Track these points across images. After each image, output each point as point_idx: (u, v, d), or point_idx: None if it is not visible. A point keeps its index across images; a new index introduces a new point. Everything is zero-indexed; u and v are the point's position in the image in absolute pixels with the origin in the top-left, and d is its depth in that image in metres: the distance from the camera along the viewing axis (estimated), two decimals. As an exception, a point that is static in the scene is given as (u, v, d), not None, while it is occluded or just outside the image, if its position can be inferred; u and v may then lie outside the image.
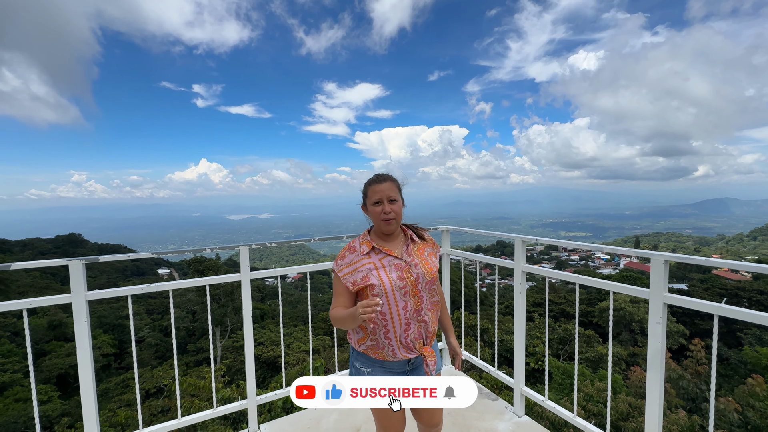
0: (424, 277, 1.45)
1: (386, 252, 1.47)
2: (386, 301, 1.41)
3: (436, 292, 1.53)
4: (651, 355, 1.79)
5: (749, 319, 1.45)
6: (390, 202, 1.46)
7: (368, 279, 1.42)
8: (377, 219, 1.47)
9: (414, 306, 1.44)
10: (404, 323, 1.43)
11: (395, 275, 1.42)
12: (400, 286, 1.41)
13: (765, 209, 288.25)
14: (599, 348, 14.82)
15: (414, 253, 1.50)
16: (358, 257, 1.47)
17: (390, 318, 1.42)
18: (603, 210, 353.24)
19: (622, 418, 7.57)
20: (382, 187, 1.47)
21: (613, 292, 2.02)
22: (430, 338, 1.50)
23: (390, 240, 1.52)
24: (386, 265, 1.44)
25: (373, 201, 1.47)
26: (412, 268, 1.45)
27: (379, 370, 1.49)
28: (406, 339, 1.44)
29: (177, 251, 2.23)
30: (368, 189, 1.51)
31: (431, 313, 1.50)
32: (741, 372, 12.83)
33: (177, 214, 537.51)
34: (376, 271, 1.43)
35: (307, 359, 15.91)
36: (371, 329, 1.45)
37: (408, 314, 1.43)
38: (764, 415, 7.92)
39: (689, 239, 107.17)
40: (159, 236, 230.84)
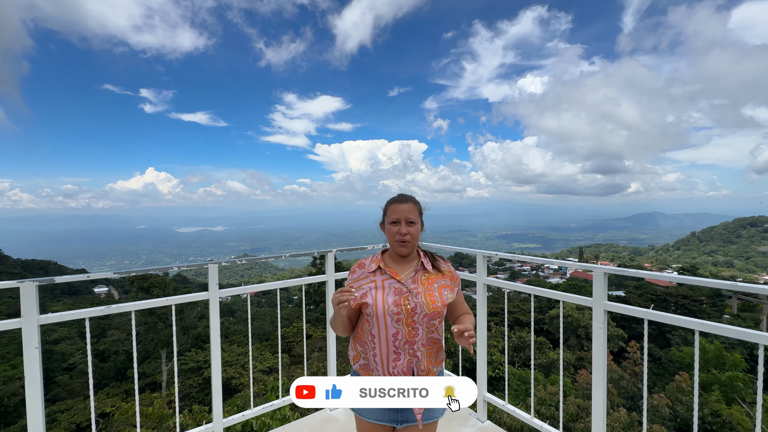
0: (423, 309, 1.35)
1: (391, 274, 1.41)
2: (376, 324, 1.36)
3: (439, 329, 1.42)
4: (595, 358, 2.01)
5: (672, 322, 1.70)
6: (408, 224, 1.41)
7: (365, 297, 1.38)
8: (392, 239, 1.43)
9: (406, 336, 1.35)
10: (392, 351, 1.35)
11: (391, 299, 1.35)
12: (393, 311, 1.34)
13: (686, 222, 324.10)
14: (550, 353, 15.69)
15: (421, 281, 1.41)
16: (364, 274, 1.45)
17: (378, 342, 1.36)
18: (551, 223, 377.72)
19: (572, 419, 8.06)
20: (403, 207, 1.42)
21: (563, 301, 2.26)
22: (421, 376, 1.36)
23: (401, 263, 1.46)
24: (386, 287, 1.39)
25: (391, 220, 1.43)
26: (411, 296, 1.36)
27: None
28: (393, 369, 1.36)
29: (142, 271, 2.14)
30: (388, 207, 1.47)
31: (425, 349, 1.38)
32: (670, 370, 14.21)
33: (118, 226, 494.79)
34: (374, 290, 1.38)
35: (264, 379, 15.21)
36: (360, 351, 1.44)
37: (398, 343, 1.35)
38: (690, 408, 8.83)
39: (625, 249, 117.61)
40: (96, 251, 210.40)
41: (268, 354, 19.48)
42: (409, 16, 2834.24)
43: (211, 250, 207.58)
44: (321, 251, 2.79)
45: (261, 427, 3.55)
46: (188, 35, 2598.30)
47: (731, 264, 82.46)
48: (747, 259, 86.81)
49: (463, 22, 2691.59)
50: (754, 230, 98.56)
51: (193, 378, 17.79)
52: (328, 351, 2.83)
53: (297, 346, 19.64)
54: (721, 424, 8.65)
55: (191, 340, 21.74)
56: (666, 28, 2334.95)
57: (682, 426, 8.80)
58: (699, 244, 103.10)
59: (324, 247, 2.59)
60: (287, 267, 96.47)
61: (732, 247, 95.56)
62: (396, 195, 1.50)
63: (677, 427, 8.76)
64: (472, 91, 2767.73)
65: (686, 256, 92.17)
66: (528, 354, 16.42)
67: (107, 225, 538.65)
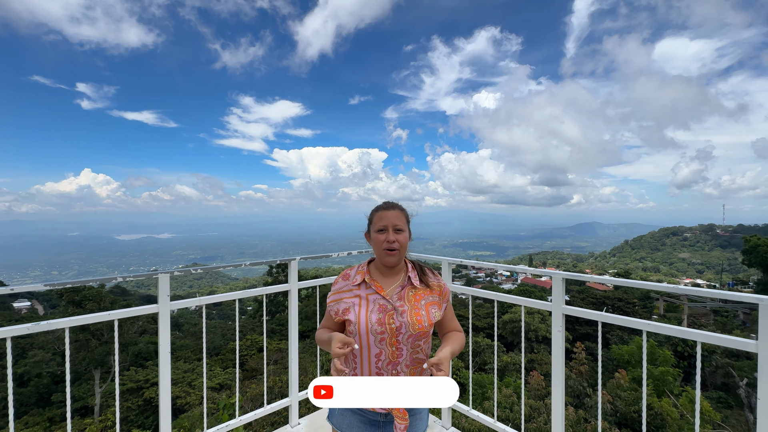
0: (408, 329, 1.25)
1: (376, 288, 1.32)
2: (359, 342, 1.26)
3: (424, 349, 1.32)
4: (554, 359, 2.10)
5: (623, 324, 1.83)
6: (396, 231, 1.32)
7: (348, 313, 1.29)
8: (379, 248, 1.32)
9: (389, 357, 1.26)
10: (374, 372, 1.27)
11: (375, 317, 1.26)
12: (377, 330, 1.25)
13: (620, 231, 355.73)
14: (504, 357, 16.33)
15: (407, 298, 1.31)
16: (348, 287, 1.35)
17: (360, 362, 1.28)
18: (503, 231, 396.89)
19: (526, 419, 8.40)
20: (390, 214, 1.34)
21: (523, 306, 2.34)
22: None
23: (388, 275, 1.36)
24: (371, 302, 1.29)
25: (378, 228, 1.33)
26: (397, 314, 1.26)
27: (355, 414, 1.33)
28: None
29: (77, 282, 1.90)
30: (374, 215, 1.38)
31: (409, 370, 1.29)
32: (610, 368, 15.36)
33: (46, 233, 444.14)
34: (357, 306, 1.29)
35: (214, 397, 14.24)
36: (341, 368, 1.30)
37: (380, 364, 1.27)
38: (628, 403, 9.56)
39: (569, 256, 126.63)
40: (17, 260, 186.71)
41: (218, 369, 18.31)
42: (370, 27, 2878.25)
43: (155, 259, 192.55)
44: (283, 259, 2.68)
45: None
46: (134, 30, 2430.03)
47: (657, 269, 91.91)
48: (670, 265, 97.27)
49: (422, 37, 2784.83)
50: (675, 239, 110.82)
51: (131, 399, 16.22)
52: (290, 365, 2.70)
53: (250, 360, 18.67)
54: (653, 416, 9.47)
55: (130, 358, 19.87)
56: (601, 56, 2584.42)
57: (621, 420, 9.51)
58: (631, 251, 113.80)
59: (281, 255, 2.47)
60: (241, 276, 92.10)
61: (658, 254, 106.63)
62: (382, 202, 1.42)
63: (618, 422, 9.45)
64: (431, 103, 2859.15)
65: (620, 262, 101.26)
66: (483, 358, 16.97)
67: (32, 231, 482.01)
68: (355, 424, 1.33)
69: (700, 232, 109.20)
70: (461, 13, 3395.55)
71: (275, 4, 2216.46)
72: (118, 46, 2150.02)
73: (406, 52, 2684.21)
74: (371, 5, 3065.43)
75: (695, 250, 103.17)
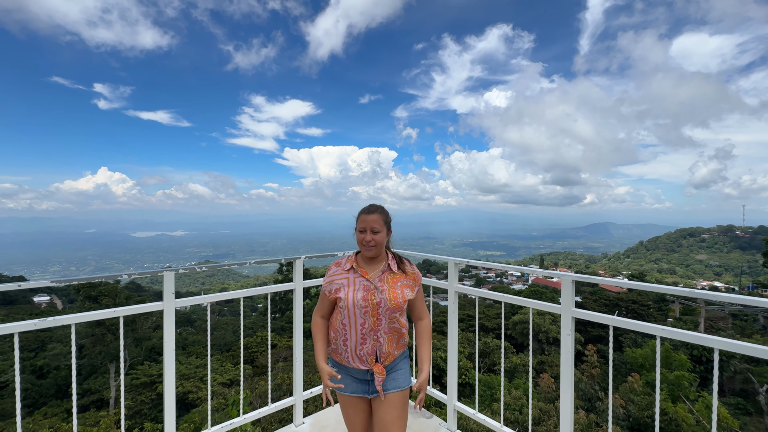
0: (386, 304, 1.63)
1: (361, 273, 1.69)
2: (347, 315, 1.63)
3: (400, 321, 1.68)
4: (563, 363, 2.04)
5: (635, 328, 1.76)
6: (372, 232, 1.67)
7: (339, 292, 1.66)
8: (360, 244, 1.70)
9: (371, 325, 1.63)
10: (360, 338, 1.64)
11: (360, 295, 1.63)
12: (361, 305, 1.62)
13: (635, 232, 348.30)
14: (513, 358, 16.12)
15: (386, 280, 1.68)
16: (339, 272, 1.72)
17: (348, 330, 1.65)
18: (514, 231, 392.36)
19: (535, 422, 8.27)
20: (369, 218, 1.68)
21: (532, 308, 2.28)
22: (383, 357, 1.66)
23: (370, 264, 1.73)
24: (357, 284, 1.66)
25: (359, 228, 1.70)
26: (377, 292, 1.64)
27: (344, 372, 1.70)
28: (360, 352, 1.64)
29: (85, 279, 1.92)
30: (359, 217, 1.73)
31: (387, 336, 1.66)
32: (623, 371, 15.03)
33: (64, 230, 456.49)
34: (346, 287, 1.66)
35: (224, 392, 14.43)
36: (332, 337, 1.72)
37: (364, 331, 1.63)
38: (642, 408, 9.32)
39: (581, 257, 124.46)
40: (38, 256, 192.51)
41: (229, 365, 18.54)
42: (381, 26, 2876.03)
43: (169, 256, 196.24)
44: (288, 258, 2.67)
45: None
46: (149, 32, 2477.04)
47: (673, 271, 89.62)
48: (687, 267, 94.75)
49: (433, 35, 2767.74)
50: (692, 240, 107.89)
51: (145, 393, 16.56)
52: (295, 363, 2.69)
53: (261, 357, 18.85)
54: (667, 421, 9.22)
55: (144, 353, 20.27)
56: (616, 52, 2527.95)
57: (634, 425, 9.28)
58: (646, 252, 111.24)
59: (291, 253, 2.49)
60: (252, 274, 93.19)
61: (674, 255, 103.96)
62: (366, 205, 1.76)
63: (630, 426, 9.23)
64: (441, 102, 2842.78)
65: (635, 264, 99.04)
66: (492, 359, 16.78)
67: (51, 228, 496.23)
68: (349, 382, 1.69)
69: (719, 234, 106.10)
70: (472, 11, 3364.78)
71: (287, 5, 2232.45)
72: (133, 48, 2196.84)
73: (416, 51, 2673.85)
74: (382, 4, 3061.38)
75: (713, 252, 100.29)
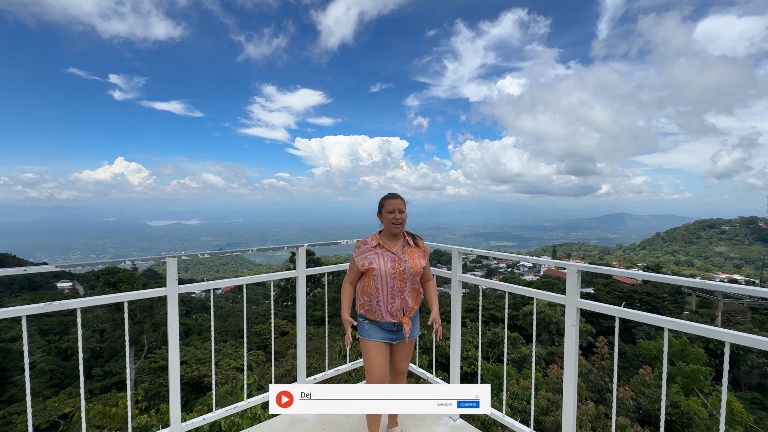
0: (409, 270, 2.12)
1: (387, 248, 2.15)
2: (380, 281, 2.10)
3: (418, 282, 2.19)
4: (567, 354, 2.00)
5: (642, 320, 1.70)
6: (399, 212, 2.15)
7: (371, 264, 2.11)
8: (389, 223, 2.15)
9: (399, 287, 2.11)
10: (390, 297, 2.10)
11: (389, 265, 2.10)
12: (391, 272, 2.09)
13: (652, 223, 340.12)
14: (523, 349, 16.07)
15: (407, 253, 2.17)
16: (368, 249, 2.17)
17: (381, 293, 2.11)
18: (526, 222, 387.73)
19: (543, 413, 8.26)
20: (396, 201, 2.16)
21: (536, 298, 2.24)
22: (408, 311, 2.14)
23: (393, 240, 2.20)
24: (385, 257, 2.13)
25: (389, 210, 2.15)
26: (402, 262, 2.12)
27: (375, 326, 2.17)
28: (391, 308, 2.10)
29: (89, 263, 1.96)
30: (385, 201, 2.19)
31: (411, 295, 2.15)
32: (635, 364, 14.85)
33: (84, 218, 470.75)
34: (378, 260, 2.12)
35: (237, 377, 14.83)
36: (366, 300, 2.15)
37: (394, 292, 2.10)
38: (652, 400, 9.22)
39: (595, 248, 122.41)
40: (60, 244, 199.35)
41: (243, 351, 19.03)
42: (393, 13, 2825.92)
43: (184, 245, 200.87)
44: (290, 246, 2.68)
45: (230, 426, 3.40)
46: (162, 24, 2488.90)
47: (691, 263, 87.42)
48: (705, 259, 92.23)
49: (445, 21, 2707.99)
50: (712, 231, 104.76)
51: (163, 376, 17.15)
52: (298, 350, 2.72)
53: (274, 342, 19.30)
54: (679, 414, 9.10)
55: (162, 337, 20.92)
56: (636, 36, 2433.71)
57: (645, 417, 9.20)
58: (663, 244, 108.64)
59: (302, 242, 2.51)
60: (264, 263, 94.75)
61: (692, 247, 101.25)
62: (388, 193, 2.22)
63: (640, 419, 9.15)
64: (453, 90, 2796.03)
65: (651, 256, 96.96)
66: (502, 349, 16.77)
67: (72, 217, 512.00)
68: (379, 332, 2.16)
69: (740, 225, 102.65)
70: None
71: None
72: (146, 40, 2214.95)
73: (428, 38, 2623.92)
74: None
75: (734, 244, 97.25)
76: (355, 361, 3.23)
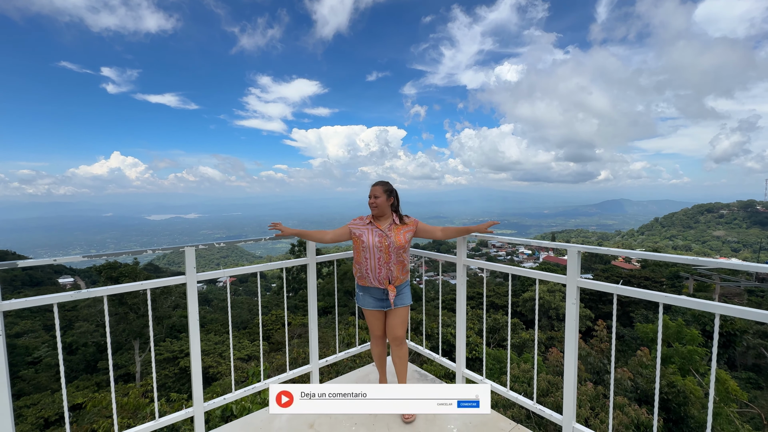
0: (394, 245, 2.43)
1: (376, 225, 2.48)
2: (368, 252, 2.43)
3: (403, 255, 2.48)
4: (567, 332, 2.11)
5: (639, 296, 1.80)
6: (374, 197, 2.48)
7: (362, 237, 2.46)
8: (370, 206, 2.52)
9: (384, 259, 2.43)
10: (377, 267, 2.43)
11: (377, 239, 2.43)
12: (378, 246, 2.42)
13: (650, 209, 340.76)
14: (523, 334, 16.34)
15: (393, 230, 2.48)
16: (361, 224, 2.52)
17: (369, 262, 2.44)
18: (526, 209, 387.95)
19: (543, 394, 8.50)
20: (374, 188, 2.52)
21: (539, 279, 2.34)
22: (394, 280, 2.46)
23: (381, 220, 2.54)
24: (373, 232, 2.46)
25: (369, 195, 2.52)
26: (387, 238, 2.44)
27: (367, 294, 2.51)
28: (378, 276, 2.44)
29: (113, 254, 2.04)
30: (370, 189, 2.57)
31: (396, 266, 2.46)
32: (633, 346, 15.14)
33: (83, 213, 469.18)
34: (366, 234, 2.46)
35: (243, 367, 15.08)
36: (357, 268, 2.50)
37: (380, 263, 2.43)
38: (650, 381, 9.47)
39: (594, 235, 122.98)
40: (60, 240, 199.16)
41: (246, 342, 19.29)
42: None
43: (184, 238, 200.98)
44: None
45: (241, 411, 3.55)
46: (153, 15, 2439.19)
47: (689, 248, 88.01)
48: (703, 243, 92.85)
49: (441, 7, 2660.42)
50: (710, 216, 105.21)
51: (168, 368, 17.42)
52: (310, 334, 2.83)
53: (276, 333, 19.52)
54: (675, 393, 9.35)
55: (165, 330, 21.19)
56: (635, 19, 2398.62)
57: (642, 397, 9.45)
58: (661, 229, 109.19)
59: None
60: (264, 254, 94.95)
61: (690, 231, 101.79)
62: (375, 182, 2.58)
63: (637, 398, 9.41)
64: (451, 78, 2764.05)
65: (649, 241, 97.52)
66: (502, 335, 17.06)
67: (70, 212, 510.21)
68: (369, 301, 2.51)
69: (738, 209, 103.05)
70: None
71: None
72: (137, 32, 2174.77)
73: (424, 24, 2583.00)
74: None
75: (731, 228, 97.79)
76: (364, 344, 3.35)
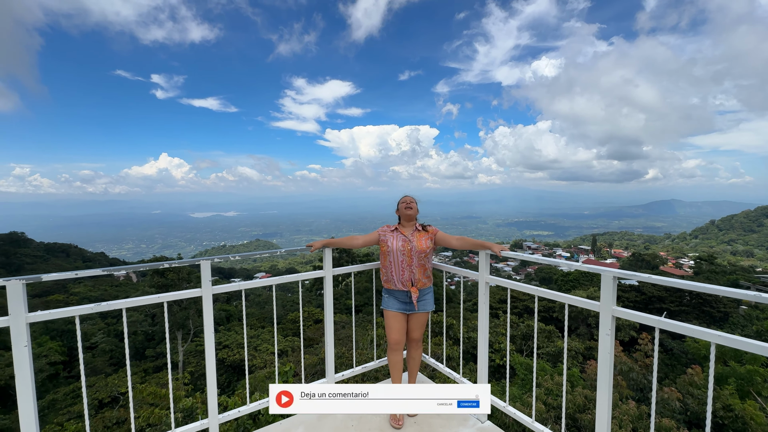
0: (416, 249, 2.61)
1: (401, 232, 2.70)
2: (393, 255, 2.63)
3: (425, 260, 2.64)
4: (601, 364, 1.91)
5: (686, 332, 1.58)
6: (410, 203, 2.74)
7: (387, 242, 2.66)
8: (403, 210, 2.74)
9: (407, 262, 2.61)
10: (401, 270, 2.62)
11: (400, 244, 2.63)
12: (401, 250, 2.61)
13: (705, 210, 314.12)
14: (559, 342, 15.56)
15: (416, 237, 2.67)
16: (389, 231, 2.73)
17: (393, 265, 2.64)
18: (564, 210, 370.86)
19: (579, 410, 8.00)
20: (407, 197, 2.78)
21: (568, 304, 2.13)
22: (416, 282, 2.62)
23: (406, 227, 2.74)
24: (398, 238, 2.67)
25: (403, 202, 2.76)
26: (410, 242, 2.63)
27: (392, 296, 2.68)
28: (402, 278, 2.61)
29: (131, 267, 2.10)
30: (401, 200, 2.80)
31: (417, 270, 2.62)
32: (683, 361, 13.97)
33: (134, 211, 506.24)
34: (392, 239, 2.67)
35: (274, 361, 15.54)
36: (384, 272, 2.71)
37: (404, 266, 2.61)
38: (701, 402, 8.65)
39: (640, 238, 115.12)
40: (114, 235, 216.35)
41: (279, 337, 19.89)
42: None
43: (224, 235, 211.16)
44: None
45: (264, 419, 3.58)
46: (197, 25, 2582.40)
47: (751, 253, 80.00)
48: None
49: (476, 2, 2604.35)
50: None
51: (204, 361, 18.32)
52: (326, 348, 2.78)
53: (308, 330, 19.96)
54: (733, 418, 8.46)
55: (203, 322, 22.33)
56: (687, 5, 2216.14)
57: (693, 419, 8.65)
58: (718, 232, 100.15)
59: (335, 232, 2.56)
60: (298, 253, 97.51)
61: (753, 236, 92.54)
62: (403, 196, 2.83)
63: (687, 421, 8.63)
64: (485, 75, 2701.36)
65: (704, 245, 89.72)
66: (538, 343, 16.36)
67: (124, 210, 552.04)
68: (393, 303, 2.67)
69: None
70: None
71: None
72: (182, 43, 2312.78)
73: (458, 21, 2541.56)
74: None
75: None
76: (381, 358, 3.27)
